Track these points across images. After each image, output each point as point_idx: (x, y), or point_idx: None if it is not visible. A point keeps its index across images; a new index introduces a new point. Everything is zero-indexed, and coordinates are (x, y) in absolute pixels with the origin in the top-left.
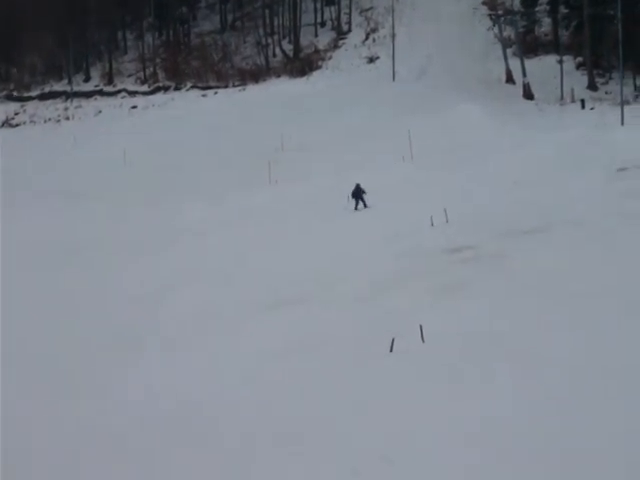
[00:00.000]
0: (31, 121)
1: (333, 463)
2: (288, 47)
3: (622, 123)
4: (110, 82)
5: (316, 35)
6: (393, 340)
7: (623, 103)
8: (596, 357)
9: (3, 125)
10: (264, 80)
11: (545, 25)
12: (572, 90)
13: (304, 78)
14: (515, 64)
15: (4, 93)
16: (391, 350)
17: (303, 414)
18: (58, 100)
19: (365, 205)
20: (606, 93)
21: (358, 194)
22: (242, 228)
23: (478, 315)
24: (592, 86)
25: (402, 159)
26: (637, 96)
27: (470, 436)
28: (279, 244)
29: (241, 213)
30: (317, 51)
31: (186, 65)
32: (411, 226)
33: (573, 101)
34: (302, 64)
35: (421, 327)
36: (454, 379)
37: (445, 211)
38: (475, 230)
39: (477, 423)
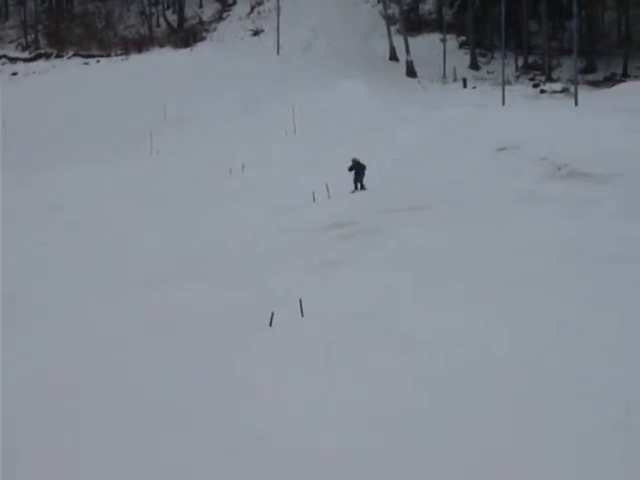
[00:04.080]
0: None
1: (207, 442)
2: (172, 17)
3: (503, 103)
4: None
5: (201, 6)
6: (272, 314)
7: (504, 83)
8: (468, 336)
9: None
10: (147, 50)
11: (429, 4)
12: (454, 69)
13: (188, 49)
14: (399, 42)
15: None
16: (270, 324)
17: (175, 393)
18: None
19: (363, 186)
20: (488, 73)
21: (358, 171)
22: (119, 200)
23: (357, 290)
24: (474, 65)
25: (285, 134)
26: (518, 76)
27: (343, 411)
28: (157, 217)
29: (119, 185)
30: (201, 22)
31: (68, 32)
32: (293, 201)
33: (455, 80)
34: (186, 35)
35: (300, 301)
36: (330, 353)
37: (327, 187)
38: (356, 206)
39: (350, 398)
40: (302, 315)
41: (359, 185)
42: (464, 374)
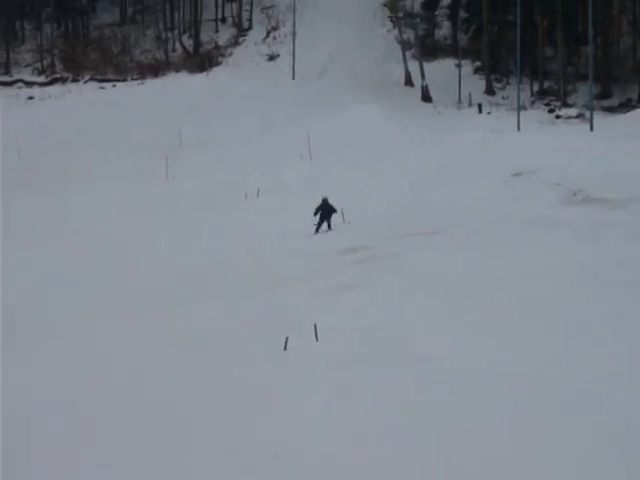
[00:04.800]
0: None
1: (223, 461)
2: (188, 42)
3: (518, 128)
4: (7, 72)
5: (217, 31)
6: (287, 339)
7: (520, 108)
8: (482, 359)
9: None
10: (163, 74)
11: (445, 29)
12: (470, 94)
13: (204, 74)
14: (414, 67)
15: None
16: (285, 348)
17: (190, 413)
18: None
19: (330, 227)
20: (503, 98)
21: (325, 212)
22: (135, 225)
23: (372, 315)
24: (490, 91)
25: (301, 158)
26: (534, 102)
27: (358, 436)
28: (173, 239)
29: (135, 208)
30: (217, 47)
31: (84, 57)
32: (308, 226)
33: (470, 105)
34: (202, 60)
35: (315, 326)
36: (346, 378)
37: (342, 211)
38: (371, 231)
39: (366, 423)
40: (317, 339)
41: (323, 225)
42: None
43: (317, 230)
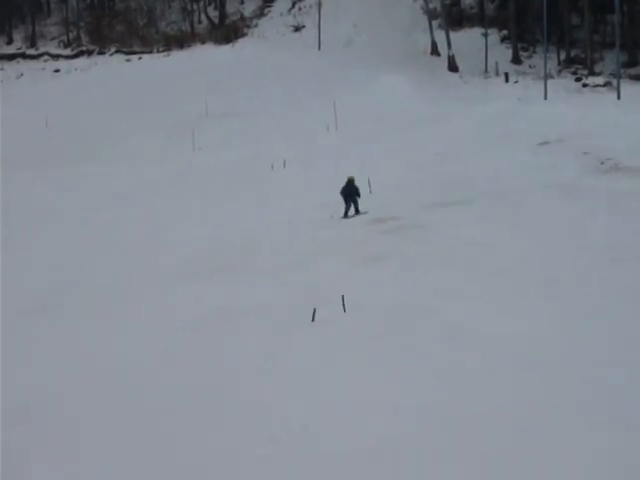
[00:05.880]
0: None
1: (252, 431)
2: (214, 14)
3: (545, 97)
4: (33, 45)
5: (242, 2)
6: (315, 310)
7: (547, 77)
8: (512, 332)
9: None
10: (189, 46)
11: None
12: (496, 63)
13: (229, 45)
14: (440, 36)
15: None
16: (313, 320)
17: (222, 383)
18: None
19: (357, 210)
20: (530, 67)
21: (350, 193)
22: (166, 195)
23: (400, 285)
24: (516, 60)
25: (327, 129)
26: (560, 70)
27: (388, 405)
28: (203, 213)
29: (165, 180)
30: (243, 18)
31: (110, 29)
32: (335, 197)
33: (497, 74)
34: (227, 31)
35: (343, 297)
36: (374, 349)
37: (369, 182)
38: (398, 201)
39: (396, 392)
40: (344, 310)
41: (353, 210)
42: (506, 366)
43: (346, 214)
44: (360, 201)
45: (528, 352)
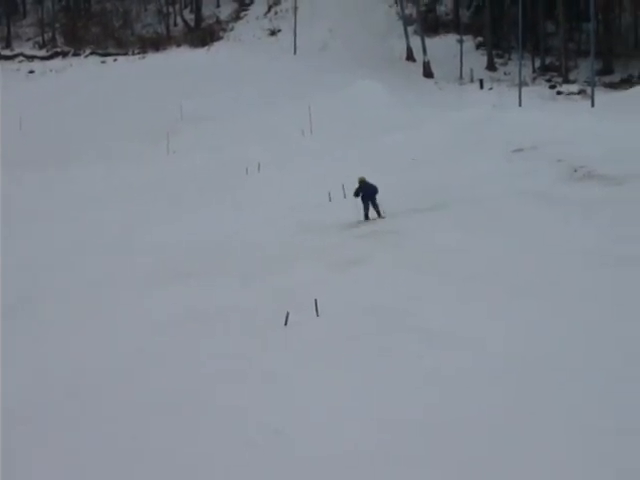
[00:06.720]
0: None
1: (226, 435)
2: (190, 17)
3: (520, 104)
4: (8, 46)
5: (218, 5)
6: (288, 314)
7: (521, 84)
8: (487, 335)
9: None
10: (164, 49)
11: (447, 4)
12: (471, 70)
13: (205, 48)
14: (416, 42)
15: None
16: (286, 324)
17: (197, 387)
18: None
19: (379, 214)
20: (505, 74)
21: (368, 194)
22: (140, 199)
23: (374, 290)
24: (491, 66)
25: (302, 133)
26: (535, 78)
27: (362, 410)
28: (177, 215)
29: (139, 184)
30: (219, 22)
31: (86, 31)
32: (309, 201)
33: (472, 81)
34: (203, 34)
35: (316, 301)
36: (348, 353)
37: (343, 187)
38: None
39: (371, 398)
40: (317, 314)
41: (375, 212)
42: (476, 370)
43: (366, 216)
44: (334, 206)
45: (504, 356)
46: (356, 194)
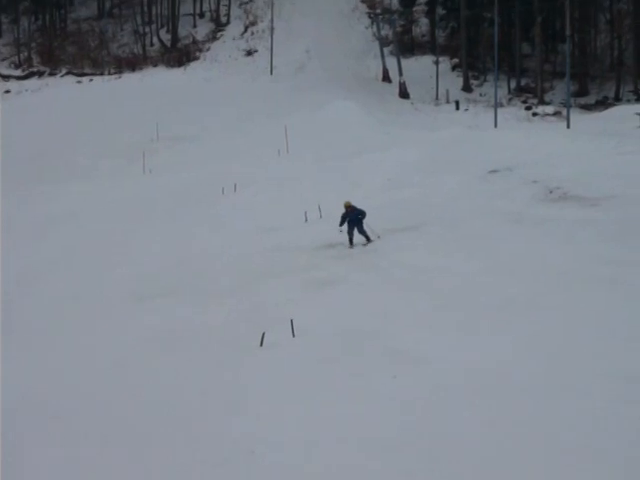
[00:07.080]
0: None
1: (201, 457)
2: (166, 37)
3: (495, 125)
4: None
5: (194, 26)
6: (263, 334)
7: (497, 105)
8: (461, 358)
9: None
10: (141, 69)
11: (423, 25)
12: (447, 91)
13: (181, 69)
14: (392, 63)
15: None
16: (261, 344)
17: (171, 406)
18: None
19: (368, 239)
20: (480, 95)
21: (354, 219)
22: (114, 218)
23: (349, 311)
24: (467, 88)
25: (278, 153)
26: (511, 99)
27: (335, 432)
28: (151, 233)
29: (111, 203)
30: (195, 42)
31: (62, 51)
32: (285, 221)
33: (448, 102)
34: (180, 54)
35: (292, 321)
36: (322, 374)
37: (319, 207)
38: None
39: (344, 420)
40: (293, 335)
41: (363, 237)
42: (451, 389)
43: (351, 242)
44: (310, 226)
45: (479, 375)
46: (342, 220)
